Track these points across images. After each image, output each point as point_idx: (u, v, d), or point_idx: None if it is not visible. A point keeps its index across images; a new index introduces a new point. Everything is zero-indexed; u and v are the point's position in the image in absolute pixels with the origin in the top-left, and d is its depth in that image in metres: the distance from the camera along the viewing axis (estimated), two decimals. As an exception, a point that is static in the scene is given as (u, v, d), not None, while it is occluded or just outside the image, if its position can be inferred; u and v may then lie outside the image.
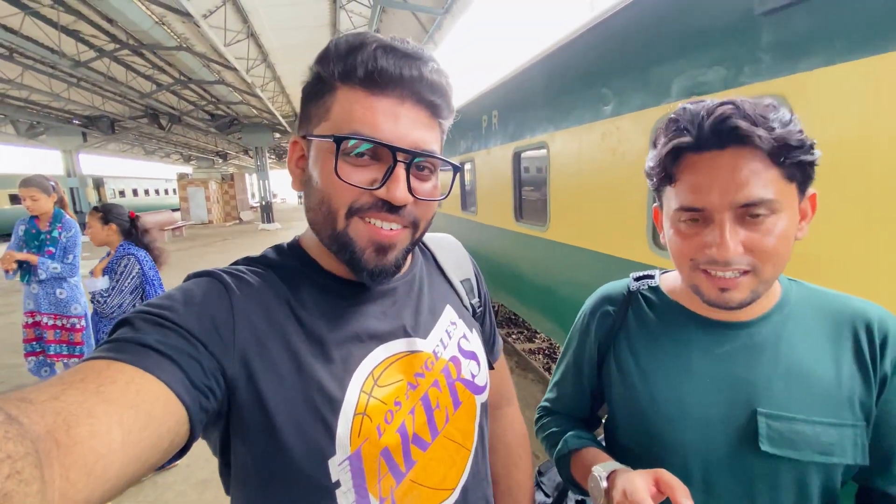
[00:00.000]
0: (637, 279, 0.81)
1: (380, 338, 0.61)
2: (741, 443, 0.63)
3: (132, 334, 0.45)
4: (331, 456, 0.52)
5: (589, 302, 0.85)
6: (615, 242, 2.49)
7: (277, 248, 0.65)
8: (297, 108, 0.81)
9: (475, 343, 0.73)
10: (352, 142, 0.52)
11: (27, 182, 2.85)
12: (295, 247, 0.65)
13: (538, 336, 6.11)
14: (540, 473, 0.90)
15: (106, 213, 2.61)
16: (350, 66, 0.52)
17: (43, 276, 2.83)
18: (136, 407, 0.38)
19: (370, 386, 0.57)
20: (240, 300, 0.54)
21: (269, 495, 0.54)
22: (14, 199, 17.17)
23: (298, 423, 0.52)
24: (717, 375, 0.66)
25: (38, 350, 3.00)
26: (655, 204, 0.73)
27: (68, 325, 3.00)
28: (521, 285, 3.89)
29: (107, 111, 15.98)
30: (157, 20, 8.05)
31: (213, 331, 0.50)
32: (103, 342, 0.45)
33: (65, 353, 3.01)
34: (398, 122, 0.52)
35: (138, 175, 33.94)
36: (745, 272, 0.59)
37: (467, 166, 5.13)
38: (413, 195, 0.54)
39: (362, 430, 0.54)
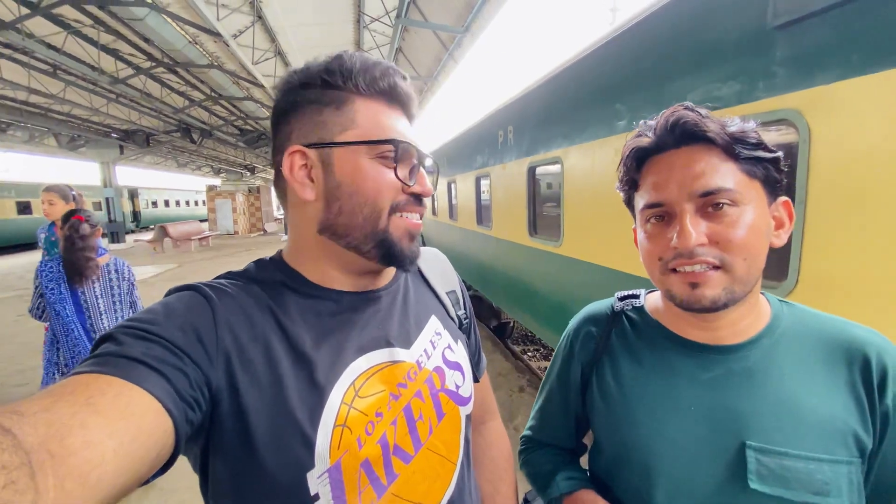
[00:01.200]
0: (621, 298, 0.78)
1: (362, 348, 0.60)
2: (729, 478, 0.58)
3: (116, 348, 0.45)
4: (309, 469, 0.51)
5: (573, 322, 0.82)
6: (628, 259, 2.43)
7: (259, 263, 0.65)
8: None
9: (460, 354, 0.72)
10: (400, 146, 0.59)
11: (49, 188, 2.98)
12: (278, 260, 0.65)
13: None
14: (527, 502, 0.86)
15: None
16: (370, 80, 0.60)
17: None
18: (127, 418, 0.39)
19: (351, 397, 0.56)
20: (222, 312, 0.54)
21: None
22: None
23: (277, 435, 0.51)
24: (702, 404, 0.62)
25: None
26: (634, 225, 0.71)
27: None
28: (536, 301, 3.82)
29: (143, 125, 16.73)
30: (190, 40, 8.43)
31: (197, 343, 0.50)
32: (87, 357, 0.45)
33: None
34: (409, 130, 0.63)
35: (169, 186, 35.25)
36: (716, 267, 0.57)
37: (483, 181, 5.14)
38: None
39: (342, 442, 0.53)
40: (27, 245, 18.48)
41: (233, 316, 0.54)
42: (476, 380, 0.79)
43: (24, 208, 18.80)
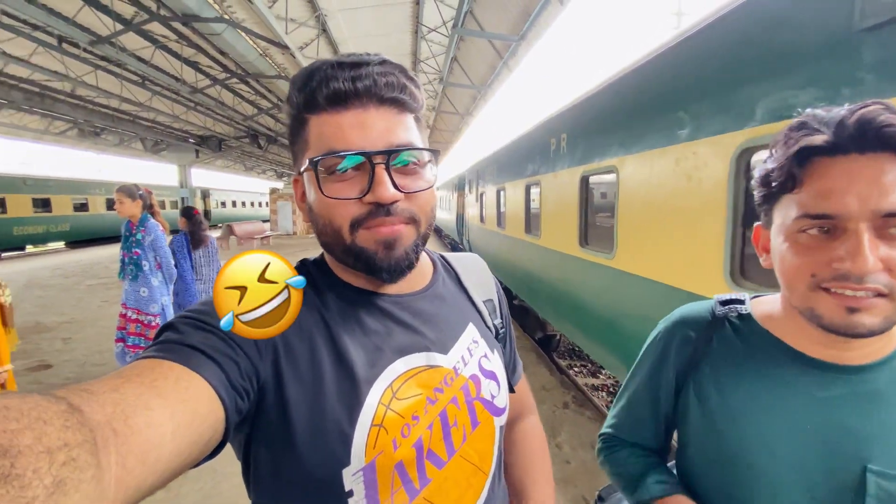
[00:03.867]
0: (724, 303, 0.72)
1: (401, 350, 0.61)
2: (841, 501, 0.56)
3: (177, 336, 0.48)
4: (345, 465, 0.52)
5: (665, 324, 0.78)
6: (687, 275, 2.29)
7: (304, 262, 0.67)
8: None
9: (496, 364, 0.70)
10: (328, 160, 0.54)
11: (119, 188, 3.31)
12: (321, 262, 0.67)
13: (603, 371, 5.73)
14: (601, 499, 0.83)
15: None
16: (310, 96, 0.55)
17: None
18: (185, 402, 0.41)
19: (389, 398, 0.56)
20: None
21: (284, 500, 0.55)
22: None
23: (316, 430, 0.52)
24: (818, 423, 0.59)
25: (123, 338, 3.41)
26: (757, 223, 0.66)
27: (145, 321, 3.36)
28: (585, 315, 3.69)
29: (216, 132, 18.09)
30: (260, 52, 9.03)
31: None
32: (151, 344, 0.48)
33: (141, 345, 3.36)
34: (366, 129, 0.54)
35: (237, 188, 37.76)
36: (881, 294, 0.51)
37: (533, 190, 5.06)
38: (401, 191, 0.56)
39: (378, 442, 0.54)
40: (115, 238, 20.42)
41: None
42: (511, 390, 0.77)
43: (112, 204, 20.83)
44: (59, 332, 5.94)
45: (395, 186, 0.55)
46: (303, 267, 0.66)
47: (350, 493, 0.52)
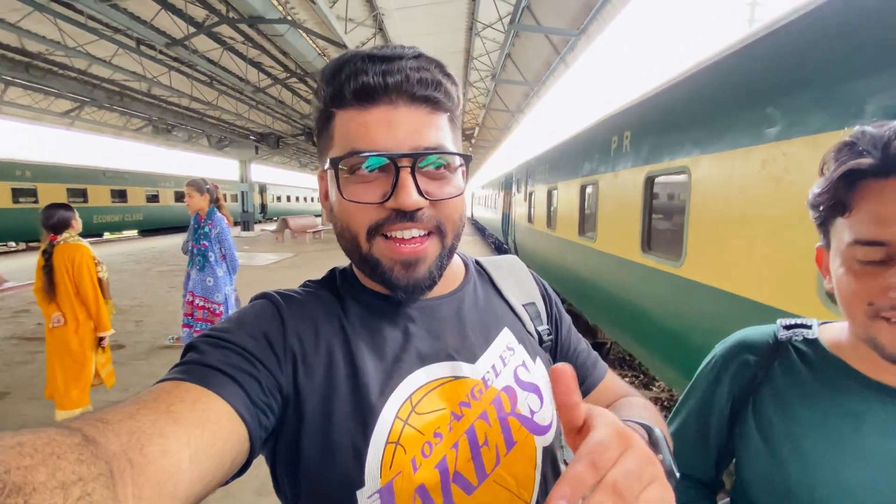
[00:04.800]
0: (788, 327, 0.69)
1: (422, 360, 0.56)
2: None
3: (197, 356, 0.47)
4: (359, 487, 0.48)
5: (722, 347, 0.75)
6: (772, 289, 2.07)
7: (334, 271, 0.65)
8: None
9: (538, 374, 0.62)
10: (350, 160, 0.50)
11: (188, 182, 3.52)
12: (348, 270, 0.64)
13: (657, 383, 5.43)
14: None
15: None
16: (337, 89, 0.51)
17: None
18: (203, 426, 0.39)
19: (406, 412, 0.52)
20: (290, 319, 0.54)
21: None
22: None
23: (329, 446, 0.49)
24: (893, 453, 0.56)
25: (190, 324, 3.60)
26: (819, 243, 0.64)
27: (211, 309, 3.55)
28: (642, 324, 3.48)
29: (275, 129, 18.92)
30: (319, 52, 9.31)
31: (268, 349, 0.50)
32: (175, 365, 0.47)
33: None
34: (393, 128, 0.50)
35: (292, 184, 39.49)
36: None
37: (588, 190, 4.86)
38: (426, 198, 0.51)
39: (395, 462, 0.49)
40: (182, 228, 21.91)
41: (300, 323, 0.54)
42: (587, 392, 0.70)
43: (180, 196, 22.31)
44: (131, 315, 6.40)
45: (420, 193, 0.50)
46: (331, 276, 0.64)
47: None
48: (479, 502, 0.52)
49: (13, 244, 15.42)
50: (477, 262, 0.73)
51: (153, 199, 20.98)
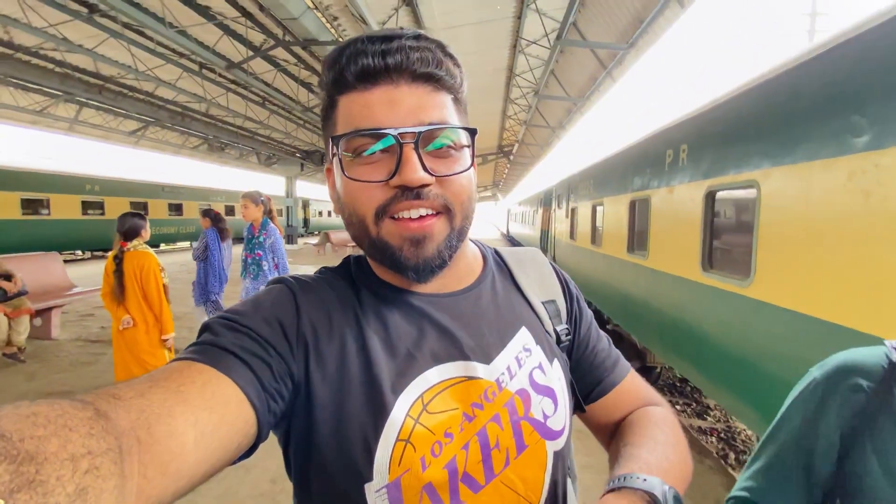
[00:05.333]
0: None
1: (435, 358, 0.55)
2: None
3: (211, 338, 0.47)
4: (367, 480, 0.48)
5: (822, 372, 0.67)
6: (867, 314, 1.88)
7: (349, 258, 0.64)
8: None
9: (554, 377, 0.60)
10: (353, 141, 0.50)
11: (244, 194, 3.70)
12: (363, 258, 0.63)
13: (712, 411, 5.07)
14: None
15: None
16: (338, 74, 0.51)
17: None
18: (210, 409, 0.40)
19: (418, 411, 0.51)
20: (305, 306, 0.54)
21: None
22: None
23: (339, 437, 0.49)
24: None
25: None
26: None
27: None
28: (703, 349, 3.27)
29: (319, 147, 19.69)
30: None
31: (282, 334, 0.50)
32: (189, 345, 0.47)
33: None
34: (395, 106, 0.49)
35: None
36: None
37: (640, 205, 4.68)
38: (432, 174, 0.50)
39: (404, 459, 0.49)
40: (234, 239, 22.99)
41: (315, 311, 0.54)
42: (582, 409, 0.67)
43: (230, 210, 23.47)
44: (184, 322, 6.68)
45: (426, 170, 0.49)
46: (346, 264, 0.63)
47: None
48: (485, 501, 0.51)
49: (80, 253, 16.65)
50: (497, 253, 0.71)
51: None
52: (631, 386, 0.69)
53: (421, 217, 0.51)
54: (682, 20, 6.38)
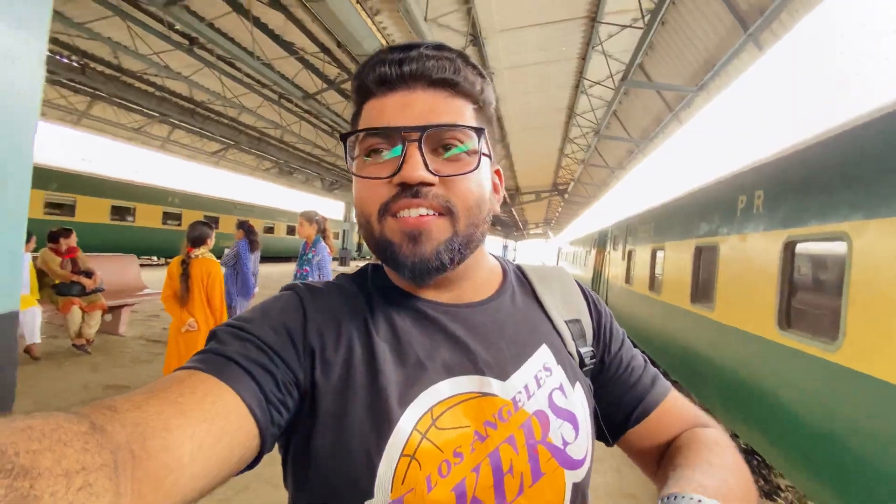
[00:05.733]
0: None
1: (447, 370, 0.52)
2: None
3: (217, 346, 0.46)
4: (368, 497, 0.45)
5: None
6: None
7: (367, 265, 0.64)
8: (519, 183, 0.72)
9: (576, 401, 0.56)
10: (365, 142, 0.51)
11: (302, 212, 3.86)
12: (380, 265, 0.62)
13: (783, 493, 4.46)
14: None
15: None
16: (361, 83, 0.53)
17: None
18: (210, 421, 0.38)
19: (426, 425, 0.48)
20: (313, 312, 0.53)
21: None
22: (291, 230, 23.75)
23: (341, 449, 0.47)
24: None
25: None
26: None
27: None
28: (777, 418, 2.90)
29: (378, 175, 20.61)
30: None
31: (289, 342, 0.49)
32: (196, 353, 0.47)
33: None
34: (407, 109, 0.50)
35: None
36: None
37: (706, 253, 4.37)
38: (434, 174, 0.50)
39: (408, 477, 0.45)
40: (290, 257, 24.18)
41: (323, 318, 0.53)
42: (606, 441, 0.63)
43: (291, 230, 24.81)
44: (237, 331, 7.00)
45: (430, 170, 0.49)
46: (364, 270, 0.62)
47: None
48: None
49: (155, 259, 18.13)
50: (518, 268, 0.69)
51: (269, 230, 23.54)
52: (675, 405, 0.63)
53: (420, 216, 0.51)
54: (758, 65, 6.11)
